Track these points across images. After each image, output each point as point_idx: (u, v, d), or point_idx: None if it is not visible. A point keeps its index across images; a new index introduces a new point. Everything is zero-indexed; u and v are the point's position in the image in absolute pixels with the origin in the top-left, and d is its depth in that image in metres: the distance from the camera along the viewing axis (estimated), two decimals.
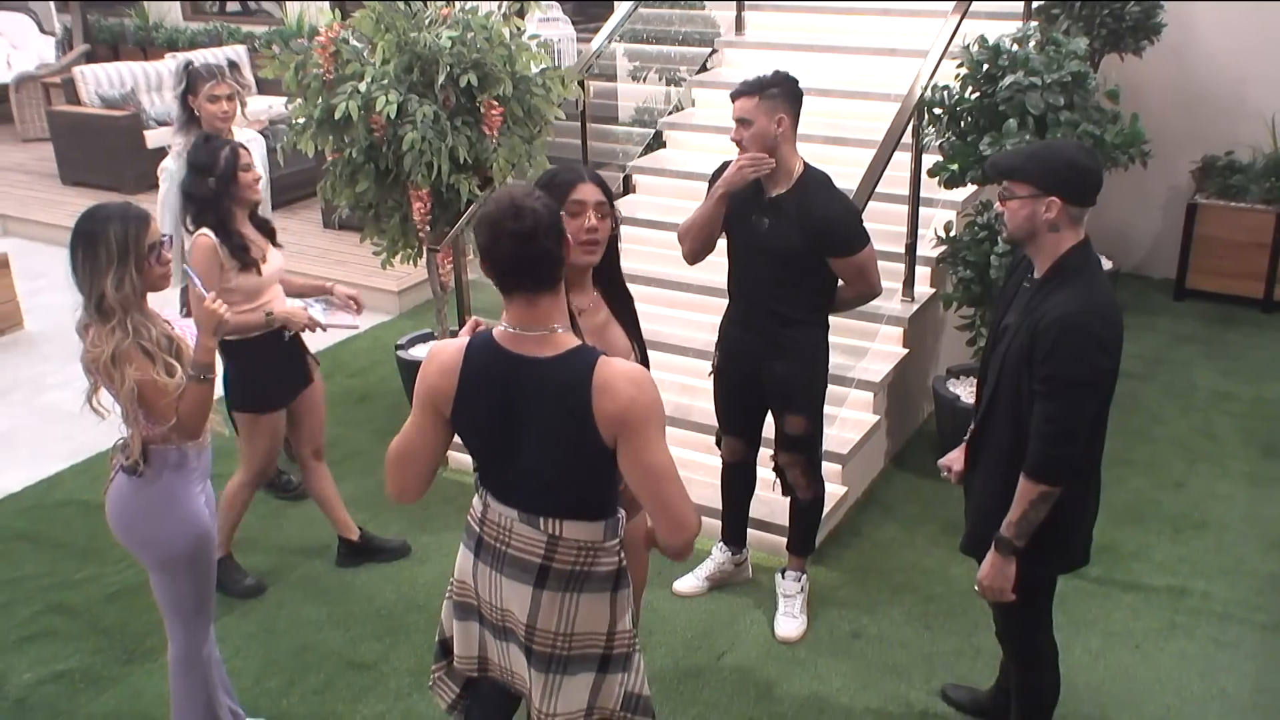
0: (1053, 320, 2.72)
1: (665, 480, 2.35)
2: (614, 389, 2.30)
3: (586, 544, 2.46)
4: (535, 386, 2.35)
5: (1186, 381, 5.91)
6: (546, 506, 2.43)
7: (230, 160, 3.84)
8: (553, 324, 2.37)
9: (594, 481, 2.41)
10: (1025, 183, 2.79)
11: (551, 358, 2.36)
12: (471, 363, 2.41)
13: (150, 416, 2.94)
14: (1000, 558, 2.91)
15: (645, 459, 2.33)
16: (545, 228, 2.30)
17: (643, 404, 2.32)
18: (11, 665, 4.00)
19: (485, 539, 2.52)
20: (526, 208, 2.29)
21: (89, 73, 9.77)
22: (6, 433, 5.72)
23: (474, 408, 2.41)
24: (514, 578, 2.47)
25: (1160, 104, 6.68)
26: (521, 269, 2.32)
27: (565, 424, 2.33)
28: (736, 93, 3.68)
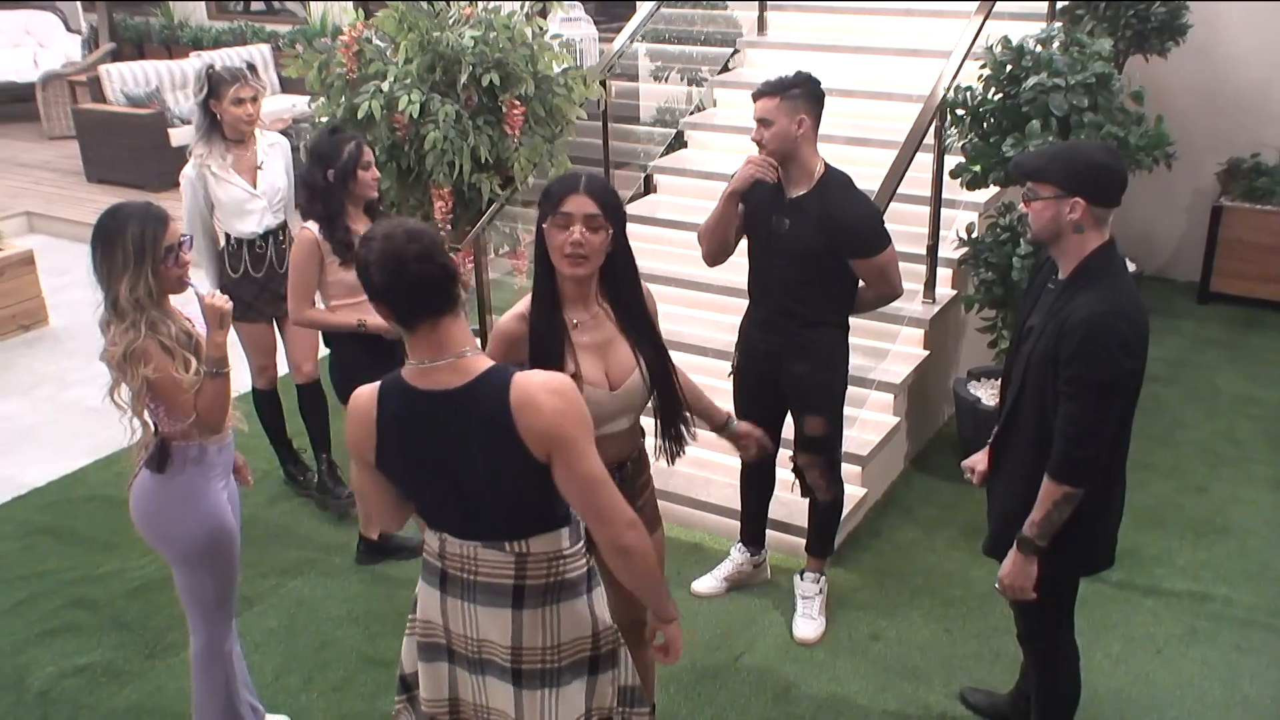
0: (1078, 321, 2.71)
1: (601, 488, 2.30)
2: (535, 404, 2.24)
3: (554, 554, 2.42)
4: (453, 419, 2.29)
5: (1210, 385, 5.87)
6: (507, 530, 2.38)
7: (353, 155, 3.82)
8: (460, 348, 2.30)
9: (539, 496, 2.34)
10: (1049, 183, 2.78)
11: (463, 386, 2.28)
12: (385, 410, 2.34)
13: (171, 413, 2.96)
14: (1022, 557, 2.90)
15: (580, 470, 2.28)
16: (438, 245, 2.28)
17: (569, 415, 2.26)
18: (34, 659, 4.03)
19: (449, 572, 2.45)
20: (415, 229, 2.27)
21: (114, 71, 9.85)
22: (31, 428, 5.77)
23: (397, 455, 2.35)
24: (489, 604, 2.41)
25: (1185, 105, 6.63)
26: (429, 291, 2.26)
27: (495, 450, 2.27)
28: (758, 93, 3.68)
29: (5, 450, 5.55)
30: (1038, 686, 3.26)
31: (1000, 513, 3.07)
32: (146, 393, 2.91)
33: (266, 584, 4.40)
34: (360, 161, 3.85)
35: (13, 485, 5.18)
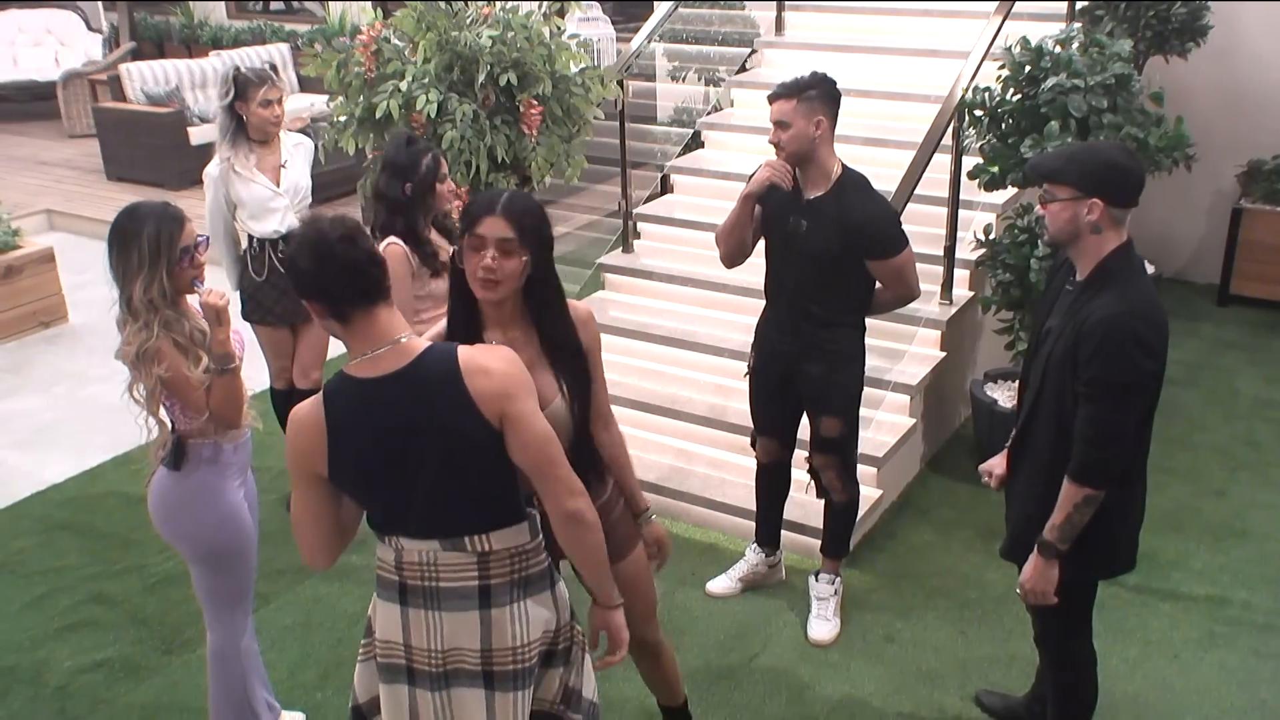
0: (1097, 322, 2.70)
1: (551, 447, 2.35)
2: (486, 367, 2.30)
3: (517, 549, 2.43)
4: (401, 400, 2.30)
5: (1229, 388, 5.84)
6: (468, 524, 2.38)
7: (431, 169, 3.72)
8: (397, 335, 2.33)
9: (498, 477, 2.36)
10: (1066, 185, 2.77)
11: (408, 364, 2.31)
12: (333, 408, 2.34)
13: (186, 410, 2.98)
14: (1043, 561, 2.88)
15: (530, 430, 2.32)
16: (362, 231, 2.31)
17: (517, 376, 2.33)
18: (53, 653, 4.06)
19: (409, 583, 2.43)
20: (338, 218, 2.29)
21: (135, 70, 9.90)
22: (49, 424, 5.81)
23: (351, 455, 2.33)
24: (456, 609, 2.40)
25: (1205, 107, 6.59)
26: (358, 277, 2.28)
27: (449, 421, 2.29)
28: (774, 95, 3.67)
29: (25, 446, 5.59)
30: (1055, 690, 3.25)
31: (1019, 515, 3.06)
32: (161, 391, 2.93)
33: (282, 581, 4.42)
34: (438, 174, 3.76)
35: (32, 481, 5.21)
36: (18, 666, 4.00)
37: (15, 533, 4.81)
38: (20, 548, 4.70)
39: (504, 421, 2.30)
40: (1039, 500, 2.91)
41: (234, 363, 2.98)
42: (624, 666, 3.88)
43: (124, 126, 9.62)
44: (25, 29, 12.07)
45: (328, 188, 8.30)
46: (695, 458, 4.93)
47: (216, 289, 2.98)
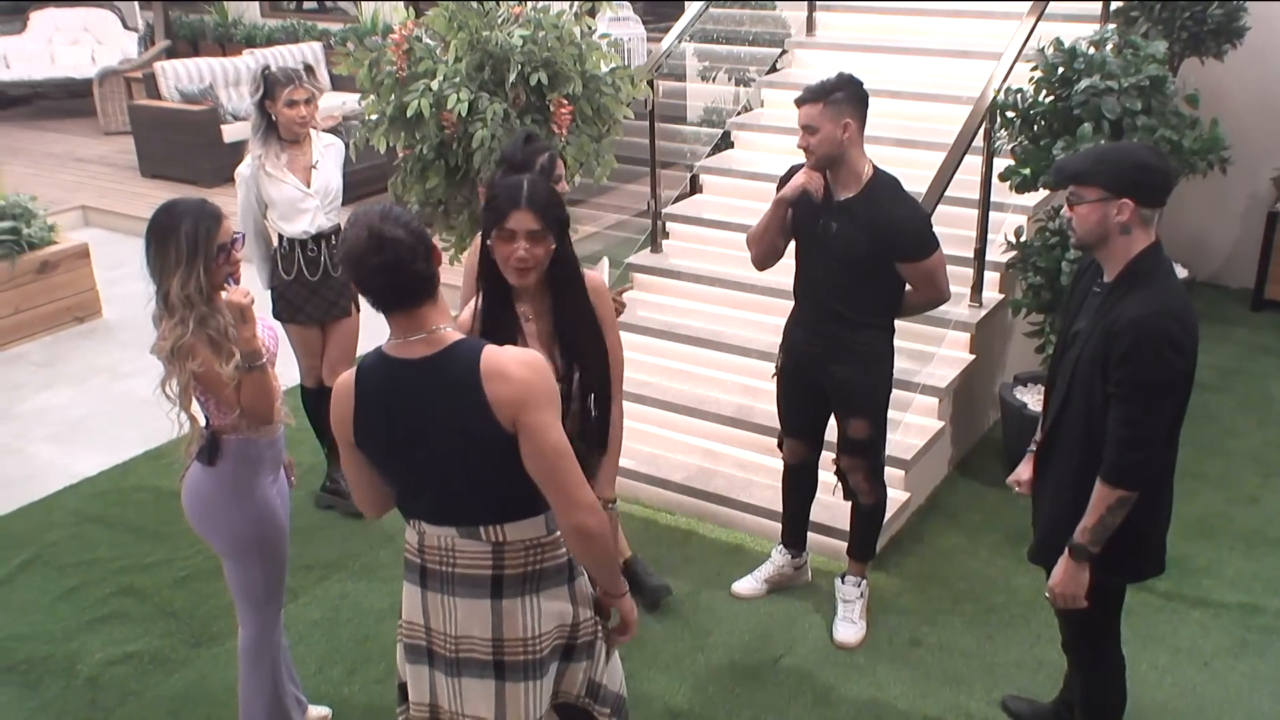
0: (1127, 323, 2.69)
1: (564, 462, 2.34)
2: (505, 372, 2.30)
3: (532, 542, 2.45)
4: (423, 386, 2.34)
5: (1263, 394, 5.77)
6: (481, 514, 2.41)
7: (547, 168, 3.65)
8: (434, 325, 2.37)
9: (511, 475, 2.36)
10: (1095, 186, 2.75)
11: (434, 354, 2.35)
12: (364, 381, 2.41)
13: (219, 406, 3.01)
14: (1074, 564, 2.86)
15: (544, 442, 2.31)
16: (409, 254, 2.30)
17: (537, 386, 2.32)
18: (84, 645, 4.10)
19: (429, 566, 2.49)
20: (387, 238, 2.28)
21: (169, 68, 9.99)
22: (83, 418, 5.87)
23: (373, 425, 2.40)
24: (468, 595, 2.44)
25: (1241, 109, 6.52)
26: (394, 295, 2.33)
27: (464, 419, 2.31)
28: (800, 99, 3.65)
29: (58, 440, 5.66)
30: (1082, 696, 3.23)
31: (1047, 519, 3.04)
32: (195, 387, 2.95)
33: (311, 576, 4.45)
34: (553, 175, 3.68)
35: (65, 474, 5.28)
36: (50, 657, 4.04)
37: (48, 525, 4.87)
38: (53, 540, 4.75)
39: (518, 428, 2.31)
40: (1068, 503, 2.89)
41: (261, 359, 3.00)
42: (649, 666, 3.89)
43: (158, 124, 9.71)
44: (62, 27, 12.22)
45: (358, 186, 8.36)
46: (722, 458, 4.93)
47: (240, 287, 3.01)
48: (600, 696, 2.63)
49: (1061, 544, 2.89)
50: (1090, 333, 2.81)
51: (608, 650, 2.66)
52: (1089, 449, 2.83)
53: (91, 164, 10.27)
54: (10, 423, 5.84)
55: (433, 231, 5.38)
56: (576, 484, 2.36)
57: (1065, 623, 3.15)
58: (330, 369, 4.79)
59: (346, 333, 4.79)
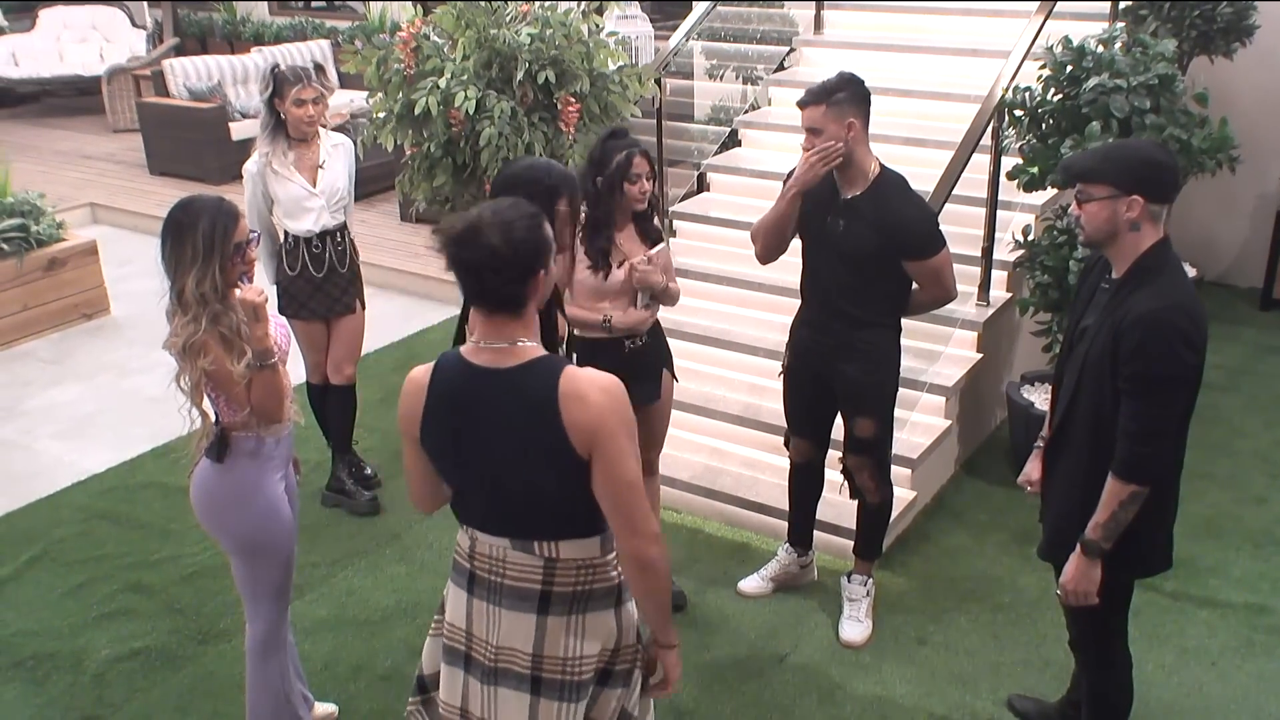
0: (1136, 318, 2.69)
1: (634, 494, 2.30)
2: (583, 396, 2.25)
3: (584, 562, 2.40)
4: (499, 399, 2.30)
5: (1271, 394, 5.76)
6: (537, 529, 2.37)
7: (622, 166, 3.68)
8: (518, 338, 2.32)
9: (574, 495, 2.33)
10: (1104, 183, 2.75)
11: (513, 368, 2.30)
12: (438, 380, 2.37)
13: (230, 403, 3.01)
14: (1086, 560, 2.86)
15: (617, 472, 2.27)
16: (493, 265, 2.23)
17: (615, 413, 2.27)
18: (91, 641, 4.12)
19: (478, 573, 2.46)
20: (483, 238, 2.22)
21: (178, 66, 10.02)
22: (90, 415, 5.89)
23: (442, 429, 2.37)
24: (514, 608, 2.41)
25: (1250, 108, 6.50)
26: (473, 292, 2.30)
27: (537, 437, 2.27)
28: (803, 102, 3.63)
29: (66, 436, 5.67)
30: (1089, 694, 3.22)
31: (1056, 516, 3.04)
32: (205, 383, 2.96)
33: (317, 573, 4.46)
34: (629, 174, 3.69)
35: (73, 471, 5.29)
36: (57, 653, 4.05)
37: (56, 521, 4.88)
38: (61, 536, 4.77)
39: (592, 453, 2.27)
40: (1078, 500, 2.89)
41: (273, 358, 3.00)
42: None
43: (167, 121, 9.73)
44: (71, 25, 12.25)
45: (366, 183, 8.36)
46: (728, 456, 4.92)
47: (254, 285, 3.01)
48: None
49: (1071, 541, 2.89)
50: (1099, 329, 2.81)
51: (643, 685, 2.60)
52: (1098, 445, 2.82)
53: (100, 161, 10.30)
54: (18, 419, 5.86)
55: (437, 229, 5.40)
56: (644, 514, 2.32)
57: (1073, 621, 3.14)
58: (335, 367, 4.80)
59: (351, 329, 4.80)
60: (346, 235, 4.73)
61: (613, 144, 3.71)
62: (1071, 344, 2.98)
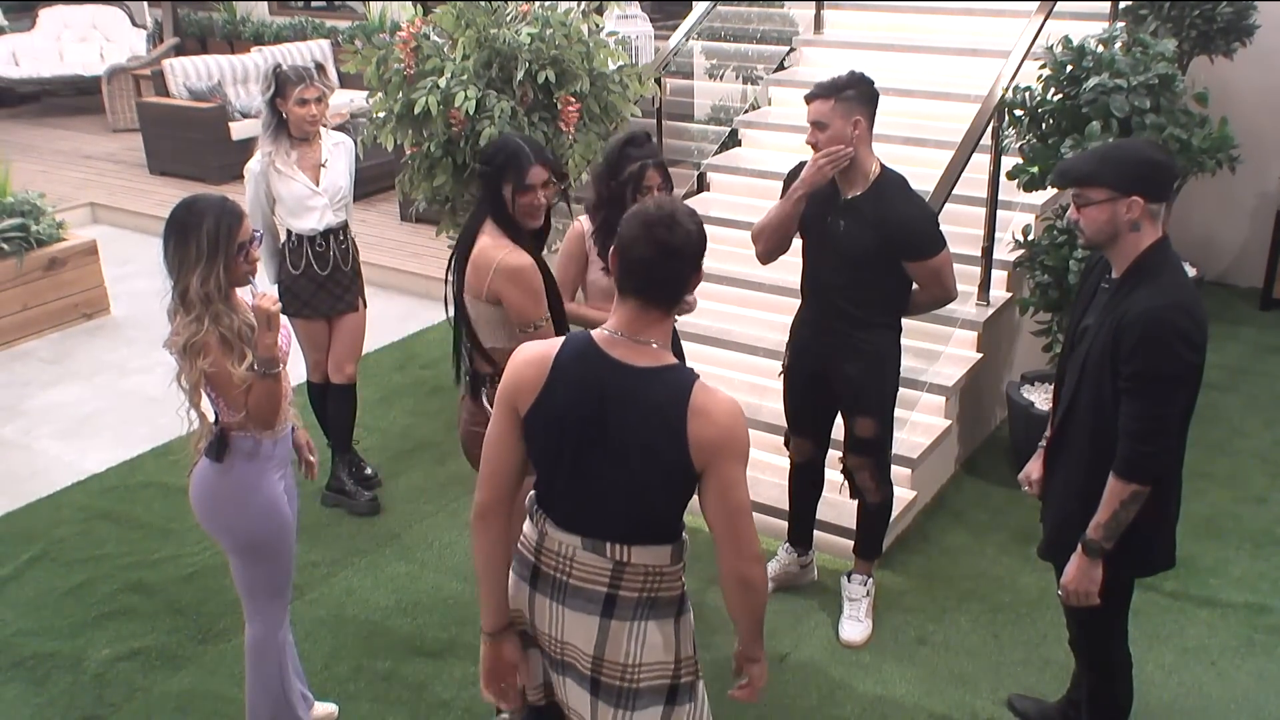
0: (1136, 316, 2.69)
1: (745, 516, 2.33)
2: (712, 416, 2.26)
3: (654, 569, 2.39)
4: (628, 394, 2.29)
5: (1271, 394, 5.76)
6: (614, 531, 2.36)
7: (635, 177, 3.66)
8: (653, 339, 2.32)
9: (669, 503, 2.34)
10: (1103, 186, 2.75)
11: (647, 368, 2.30)
12: (565, 357, 2.34)
13: (228, 405, 3.01)
14: (1087, 560, 2.86)
15: (733, 495, 2.29)
16: (689, 253, 2.30)
17: (739, 437, 2.29)
18: (91, 640, 4.11)
19: (543, 569, 2.45)
20: (680, 225, 2.28)
21: (178, 65, 10.01)
22: (90, 415, 5.89)
23: (558, 405, 2.32)
24: (578, 609, 2.40)
25: (1250, 108, 6.50)
26: (647, 277, 2.29)
27: (655, 440, 2.26)
28: (811, 95, 3.64)
29: (66, 436, 5.67)
30: (1089, 695, 3.22)
31: (1056, 516, 3.04)
32: (205, 384, 2.96)
33: (317, 573, 4.46)
34: (640, 186, 3.66)
35: (73, 471, 5.29)
36: (57, 653, 4.05)
37: (56, 521, 4.88)
38: (61, 536, 4.77)
39: (707, 472, 2.29)
40: (1078, 499, 2.89)
41: (278, 367, 3.00)
42: None
43: (167, 121, 9.73)
44: (71, 25, 12.25)
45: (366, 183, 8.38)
46: None
47: (269, 294, 3.01)
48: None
49: (1072, 541, 2.89)
50: (1099, 328, 2.81)
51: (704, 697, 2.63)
52: (1099, 445, 2.82)
53: (100, 161, 10.30)
54: (18, 419, 5.86)
55: (439, 229, 5.41)
56: (751, 537, 2.34)
57: (1073, 621, 3.14)
58: (336, 366, 4.80)
59: (353, 328, 4.80)
60: (349, 234, 4.74)
61: (629, 152, 3.69)
62: (1072, 344, 2.98)
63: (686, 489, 2.32)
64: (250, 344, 2.97)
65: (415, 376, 6.12)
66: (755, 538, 2.35)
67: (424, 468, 5.18)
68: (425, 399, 5.87)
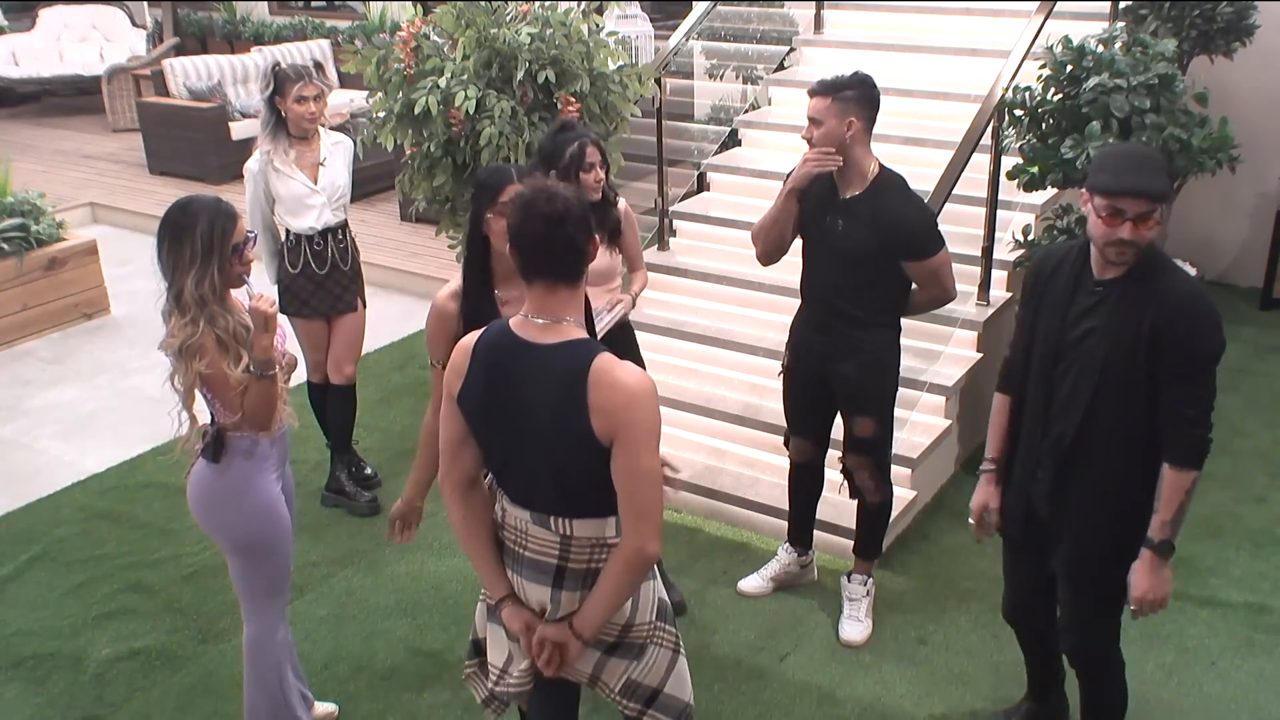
0: (1179, 301, 2.71)
1: (652, 488, 2.35)
2: (612, 384, 2.31)
3: (597, 541, 2.47)
4: (533, 372, 2.37)
5: (1271, 393, 5.75)
6: (554, 505, 2.45)
7: (575, 157, 3.69)
8: (565, 315, 2.40)
9: (594, 477, 2.38)
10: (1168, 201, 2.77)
11: (551, 344, 2.38)
12: (482, 346, 2.45)
13: (224, 406, 3.01)
14: (1159, 562, 2.82)
15: (637, 464, 2.32)
16: (574, 218, 2.35)
17: (642, 407, 2.32)
18: (91, 640, 4.12)
19: (506, 542, 2.57)
20: (559, 195, 2.36)
21: (178, 65, 10.01)
22: (90, 415, 5.89)
23: (478, 391, 2.44)
24: (533, 580, 2.51)
25: (1251, 108, 6.50)
26: (544, 253, 2.36)
27: (561, 413, 2.34)
28: (812, 90, 3.66)
29: (66, 436, 5.67)
30: (1089, 699, 3.22)
31: (1082, 532, 2.97)
32: (202, 386, 2.96)
33: (317, 573, 4.46)
34: (583, 164, 3.70)
35: (73, 470, 5.29)
36: (57, 653, 4.06)
37: (56, 521, 4.88)
38: (61, 536, 4.77)
39: (614, 444, 2.32)
40: (1112, 510, 2.89)
41: (273, 369, 3.00)
42: None
43: (166, 121, 9.73)
44: (71, 25, 12.25)
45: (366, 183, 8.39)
46: (728, 456, 4.92)
47: (267, 295, 3.01)
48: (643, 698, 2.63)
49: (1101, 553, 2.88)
50: (1113, 328, 2.78)
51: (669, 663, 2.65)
52: (1131, 449, 2.81)
53: (100, 161, 10.30)
54: (18, 419, 5.86)
55: (439, 229, 5.41)
56: (653, 510, 2.36)
57: (1079, 626, 3.11)
58: (335, 366, 4.80)
59: (352, 327, 4.80)
60: (348, 233, 4.74)
61: (563, 137, 3.75)
62: (1058, 353, 2.92)
63: (601, 461, 2.35)
64: (246, 345, 2.96)
65: (415, 376, 6.12)
66: (658, 512, 2.37)
67: None
68: (425, 399, 5.83)
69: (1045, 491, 3.04)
